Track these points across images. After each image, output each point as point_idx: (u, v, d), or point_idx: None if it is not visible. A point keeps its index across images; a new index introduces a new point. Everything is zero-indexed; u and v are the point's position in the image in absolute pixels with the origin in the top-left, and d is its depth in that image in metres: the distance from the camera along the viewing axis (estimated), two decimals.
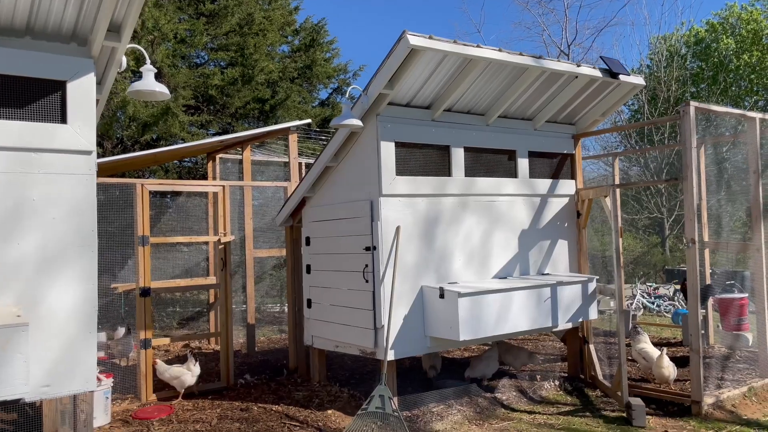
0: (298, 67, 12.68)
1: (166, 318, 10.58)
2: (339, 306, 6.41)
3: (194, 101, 11.38)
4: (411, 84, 5.84)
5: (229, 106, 11.60)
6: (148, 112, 9.77)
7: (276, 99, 11.80)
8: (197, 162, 11.63)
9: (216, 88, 11.13)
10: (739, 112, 7.20)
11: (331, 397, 6.36)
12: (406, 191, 6.05)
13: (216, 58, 11.86)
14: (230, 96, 11.45)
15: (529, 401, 6.76)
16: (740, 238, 15.74)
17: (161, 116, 9.74)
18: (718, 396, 6.46)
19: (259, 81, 11.42)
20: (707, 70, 26.16)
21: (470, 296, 5.79)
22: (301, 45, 13.46)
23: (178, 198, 9.48)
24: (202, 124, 11.28)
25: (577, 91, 6.84)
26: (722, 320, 8.53)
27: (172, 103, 9.88)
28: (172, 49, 10.81)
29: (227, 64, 11.80)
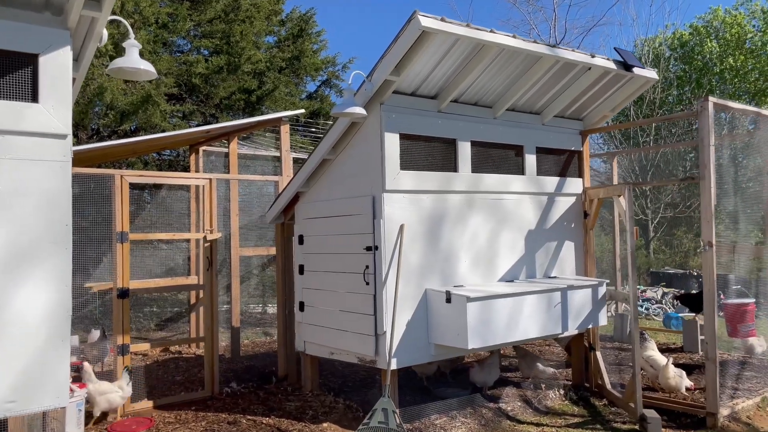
0: (285, 58, 12.14)
1: (143, 319, 10.00)
2: (335, 310, 5.95)
3: (177, 90, 10.79)
4: (419, 71, 5.40)
5: (213, 96, 11.02)
6: (127, 100, 9.15)
7: (263, 90, 11.23)
8: (179, 154, 11.04)
9: (200, 76, 10.56)
10: (754, 109, 6.90)
11: (325, 409, 5.89)
12: (410, 187, 5.61)
13: (200, 46, 11.28)
14: (215, 86, 10.87)
15: (534, 412, 6.38)
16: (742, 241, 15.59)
17: (141, 105, 9.14)
18: (732, 407, 6.15)
19: (245, 70, 10.87)
20: (691, 73, 26.18)
21: (480, 301, 5.37)
22: (288, 35, 12.92)
23: (159, 192, 8.92)
24: (185, 114, 10.69)
25: (588, 84, 6.46)
26: (728, 327, 8.24)
27: (153, 91, 9.29)
28: (153, 35, 10.21)
29: (212, 52, 11.22)
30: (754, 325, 8.08)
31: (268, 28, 12.00)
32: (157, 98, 9.18)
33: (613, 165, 10.60)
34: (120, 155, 8.11)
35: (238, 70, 10.74)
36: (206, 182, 6.30)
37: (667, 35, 28.08)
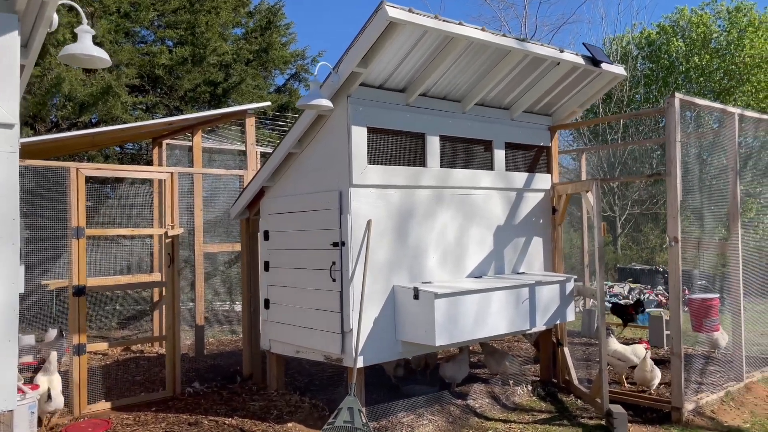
0: (253, 50, 11.89)
1: (104, 317, 9.71)
2: (301, 307, 5.82)
3: (139, 81, 10.47)
4: (386, 63, 5.29)
5: (177, 88, 10.72)
6: (86, 91, 8.82)
7: (229, 82, 10.96)
8: (142, 148, 10.73)
9: (163, 67, 10.25)
10: (719, 106, 6.96)
11: (290, 408, 5.77)
12: (378, 182, 5.51)
13: (164, 36, 10.96)
14: (179, 78, 10.58)
15: (502, 408, 6.34)
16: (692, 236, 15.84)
17: (101, 96, 8.82)
18: (697, 402, 6.20)
19: (210, 62, 10.59)
20: (658, 72, 26.58)
21: (447, 297, 5.30)
22: (256, 27, 12.65)
23: (120, 186, 8.66)
24: (148, 106, 10.38)
25: (557, 79, 6.44)
26: (693, 321, 8.33)
27: (113, 82, 8.97)
28: (114, 24, 9.86)
29: (176, 43, 10.91)
30: (719, 319, 8.18)
31: (235, 20, 11.75)
32: (117, 89, 8.89)
33: (582, 161, 10.69)
34: (78, 148, 7.83)
35: (203, 62, 10.48)
36: (167, 176, 6.10)
37: (634, 34, 28.48)
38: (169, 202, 6.08)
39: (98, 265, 8.17)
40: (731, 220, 7.04)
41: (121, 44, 9.84)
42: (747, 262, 8.66)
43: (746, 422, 6.05)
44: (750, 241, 18.98)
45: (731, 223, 7.04)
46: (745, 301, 12.49)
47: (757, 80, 24.44)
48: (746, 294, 11.18)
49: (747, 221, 21.33)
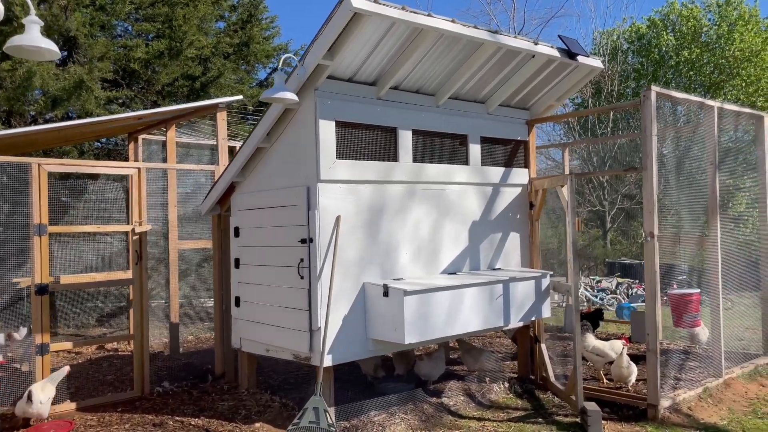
0: (233, 44, 11.70)
1: (82, 315, 9.59)
2: (271, 305, 5.71)
3: (114, 75, 10.29)
4: (354, 55, 5.17)
5: (154, 83, 10.56)
6: (58, 85, 8.66)
7: (208, 76, 10.79)
8: (117, 143, 10.56)
9: (139, 61, 10.07)
10: (698, 99, 6.88)
11: (260, 408, 5.67)
12: (347, 177, 5.40)
13: (141, 30, 10.77)
14: (156, 72, 10.41)
15: (477, 406, 6.26)
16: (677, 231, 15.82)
17: (74, 90, 8.66)
18: (674, 398, 6.13)
19: (188, 56, 10.42)
20: (648, 66, 26.52)
21: (417, 294, 5.20)
22: (238, 21, 12.47)
23: (95, 183, 8.51)
24: (124, 101, 10.21)
25: (533, 72, 6.33)
26: (674, 317, 8.26)
27: (85, 75, 8.79)
28: (89, 17, 9.69)
29: (154, 36, 10.73)
30: (700, 315, 8.12)
31: (216, 13, 11.57)
32: (90, 83, 8.73)
33: (564, 156, 10.59)
34: (48, 143, 7.68)
35: (180, 55, 10.31)
36: (135, 171, 5.97)
37: (624, 28, 28.42)
38: (137, 198, 5.95)
39: (73, 262, 8.04)
40: (710, 215, 6.96)
41: (96, 38, 9.66)
42: (736, 256, 8.61)
43: (723, 419, 5.99)
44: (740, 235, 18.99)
45: (710, 218, 6.96)
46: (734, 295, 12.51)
47: (747, 74, 24.42)
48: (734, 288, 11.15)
49: (737, 215, 21.33)
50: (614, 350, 6.77)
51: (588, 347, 7.03)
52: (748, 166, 18.26)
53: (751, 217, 22.39)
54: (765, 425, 5.83)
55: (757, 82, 24.21)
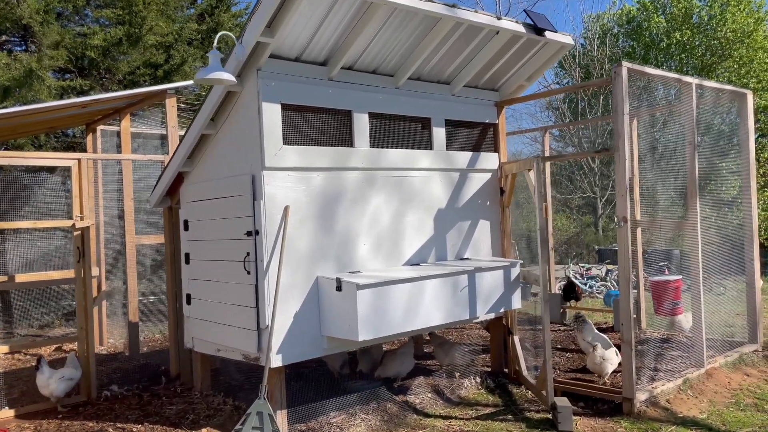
0: (201, 30, 11.28)
1: (47, 314, 9.25)
2: (220, 303, 5.37)
3: (70, 65, 9.88)
4: (298, 32, 4.81)
5: (115, 72, 10.17)
6: (7, 74, 8.27)
7: (171, 64, 10.37)
8: (75, 135, 10.16)
9: (97, 49, 9.66)
10: (674, 76, 6.52)
11: (210, 411, 5.34)
12: (296, 164, 5.04)
13: (101, 17, 10.35)
14: (115, 60, 10.00)
15: (445, 404, 5.95)
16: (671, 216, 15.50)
17: (25, 80, 8.29)
18: (651, 391, 5.82)
19: (149, 43, 10.00)
20: (639, 49, 26.12)
21: (371, 288, 4.87)
22: (206, 7, 12.03)
23: (53, 176, 8.16)
24: (81, 91, 9.81)
25: (498, 49, 5.97)
26: (655, 304, 7.97)
27: (34, 64, 8.39)
28: (43, 4, 9.26)
29: (114, 23, 10.31)
30: (681, 302, 7.82)
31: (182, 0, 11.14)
32: (40, 72, 8.34)
33: (545, 139, 10.25)
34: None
35: (139, 42, 9.91)
36: (74, 163, 5.61)
37: (615, 11, 28.00)
38: (77, 191, 5.59)
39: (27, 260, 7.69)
40: (689, 197, 6.62)
41: (50, 25, 9.25)
42: (733, 240, 8.26)
43: (703, 412, 5.69)
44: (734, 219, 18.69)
45: (689, 200, 6.62)
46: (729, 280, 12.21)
47: (739, 55, 24.01)
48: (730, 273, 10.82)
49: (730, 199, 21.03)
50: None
51: (588, 339, 6.73)
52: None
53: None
54: (747, 418, 5.52)
55: (750, 63, 23.82)
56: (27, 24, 8.99)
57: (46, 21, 9.11)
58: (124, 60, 10.19)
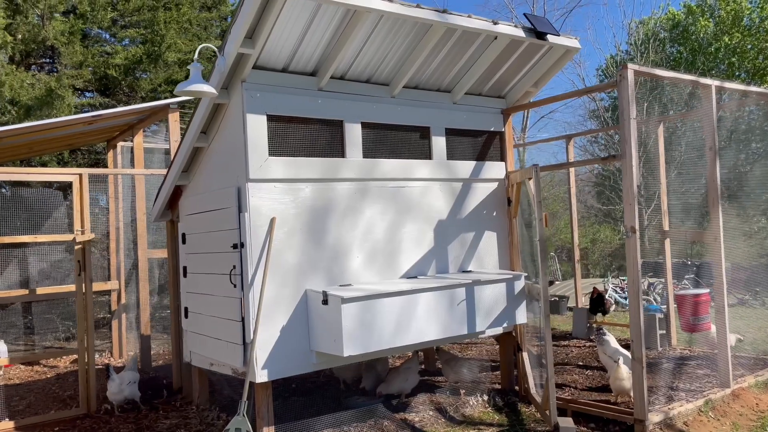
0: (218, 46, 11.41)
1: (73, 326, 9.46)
2: (212, 316, 5.34)
3: (90, 84, 10.21)
4: (281, 41, 4.76)
5: (137, 90, 10.44)
6: (30, 94, 8.58)
7: None
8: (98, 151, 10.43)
9: (118, 68, 9.94)
10: (691, 78, 6.17)
11: (202, 426, 5.29)
12: (283, 175, 4.97)
13: (125, 37, 10.65)
14: (137, 78, 10.27)
15: (447, 422, 5.72)
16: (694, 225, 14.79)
17: (45, 98, 8.57)
18: (667, 412, 5.45)
19: (169, 60, 10.22)
20: (686, 54, 25.23)
21: (358, 301, 4.73)
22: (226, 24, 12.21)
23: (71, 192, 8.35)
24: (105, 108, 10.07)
25: (498, 55, 5.78)
26: (680, 319, 7.52)
27: (54, 83, 8.68)
28: (69, 25, 9.61)
29: (138, 43, 10.60)
30: (710, 317, 7.35)
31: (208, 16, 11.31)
32: (60, 91, 8.61)
33: (569, 148, 9.91)
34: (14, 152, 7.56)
35: (159, 60, 10.14)
36: (75, 178, 5.71)
37: (661, 16, 27.16)
38: (78, 205, 5.68)
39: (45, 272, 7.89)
40: (711, 205, 6.24)
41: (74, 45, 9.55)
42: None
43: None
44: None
45: (711, 209, 6.24)
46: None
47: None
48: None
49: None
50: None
51: (609, 352, 6.40)
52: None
53: None
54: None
55: None
56: (52, 45, 9.35)
57: (70, 42, 9.44)
58: (146, 78, 10.46)
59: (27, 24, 8.84)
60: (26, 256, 8.06)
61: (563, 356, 8.12)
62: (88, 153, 10.70)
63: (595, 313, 9.24)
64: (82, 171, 5.75)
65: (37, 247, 8.14)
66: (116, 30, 10.79)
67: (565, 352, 8.39)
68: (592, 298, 9.34)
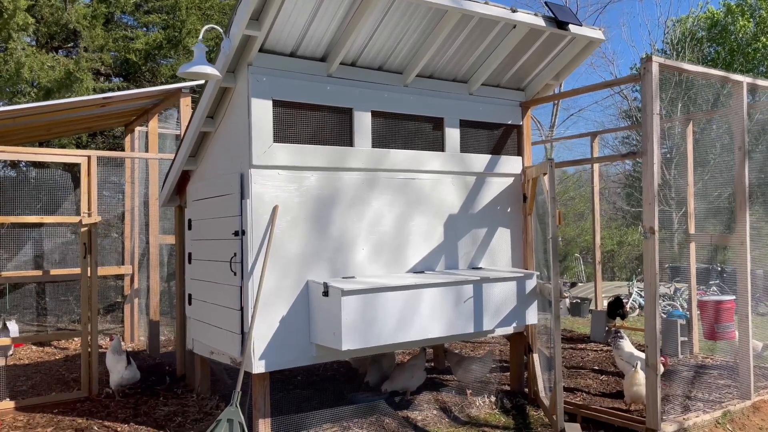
0: None
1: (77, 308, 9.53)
2: (213, 304, 5.25)
3: (115, 68, 10.22)
4: (289, 25, 4.62)
5: (157, 75, 10.45)
6: (49, 76, 8.62)
7: None
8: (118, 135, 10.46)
9: (138, 52, 9.95)
10: (721, 74, 5.88)
11: (199, 415, 5.21)
12: (288, 162, 4.85)
13: (148, 22, 10.66)
14: (158, 63, 10.27)
15: (451, 422, 5.56)
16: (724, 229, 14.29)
17: (64, 81, 8.60)
18: (682, 423, 5.20)
19: (190, 46, 10.16)
20: (725, 54, 24.48)
21: (359, 294, 4.58)
22: None
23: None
24: None
25: (517, 44, 5.56)
26: (703, 327, 7.22)
27: (72, 66, 8.69)
28: (92, 9, 9.63)
29: (162, 27, 10.59)
30: (734, 325, 7.03)
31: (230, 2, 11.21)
32: (78, 74, 8.63)
33: (594, 145, 9.63)
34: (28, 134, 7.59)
35: (179, 45, 10.10)
36: (83, 160, 5.67)
37: (700, 14, 26.38)
38: (86, 187, 5.64)
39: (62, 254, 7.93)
40: (738, 208, 5.94)
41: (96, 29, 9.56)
42: None
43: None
44: None
45: (738, 211, 5.94)
46: None
47: None
48: None
49: None
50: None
51: (624, 356, 6.19)
52: None
53: None
54: None
55: None
56: (75, 28, 9.38)
57: (92, 25, 9.46)
58: (167, 64, 10.46)
59: (50, 6, 8.89)
60: (41, 237, 8.13)
61: (579, 360, 7.88)
62: (108, 137, 10.75)
63: (614, 317, 8.97)
64: (90, 153, 5.72)
65: (52, 229, 8.19)
66: (139, 15, 10.80)
67: (581, 355, 8.14)
68: (610, 302, 9.08)
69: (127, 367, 5.61)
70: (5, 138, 6.90)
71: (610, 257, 23.81)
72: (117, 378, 5.61)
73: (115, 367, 5.62)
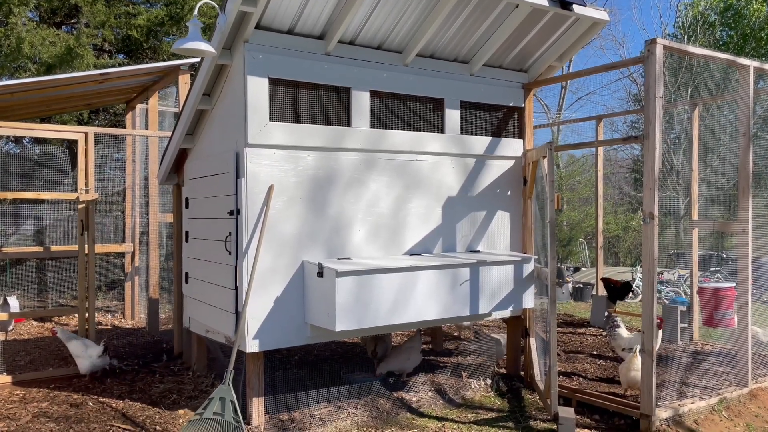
0: None
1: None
2: (208, 282, 5.25)
3: (116, 45, 10.15)
4: (286, 0, 4.55)
5: (159, 52, 10.37)
6: (49, 51, 8.56)
7: None
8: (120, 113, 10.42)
9: (140, 29, 9.86)
10: (727, 57, 5.76)
11: (194, 393, 5.24)
12: (284, 142, 4.81)
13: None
14: (159, 40, 10.18)
15: (446, 404, 5.57)
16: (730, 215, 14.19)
17: (65, 56, 8.54)
18: (677, 409, 5.19)
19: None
20: (737, 38, 24.10)
21: (354, 275, 4.57)
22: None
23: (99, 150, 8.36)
24: None
25: (520, 24, 5.47)
26: (702, 314, 7.18)
27: (72, 41, 8.62)
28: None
29: (164, 4, 10.49)
30: (734, 312, 6.99)
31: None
32: (79, 50, 8.56)
33: (599, 128, 9.52)
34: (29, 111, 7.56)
35: (181, 22, 10.01)
36: (81, 136, 5.64)
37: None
38: (83, 164, 5.63)
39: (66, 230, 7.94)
40: (741, 194, 5.87)
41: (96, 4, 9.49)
42: None
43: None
44: None
45: (741, 198, 5.87)
46: None
47: None
48: None
49: None
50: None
51: (623, 343, 6.20)
52: None
53: None
54: None
55: None
56: (76, 3, 9.30)
57: (93, 0, 9.37)
58: (168, 42, 10.38)
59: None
60: (42, 214, 8.15)
61: (577, 344, 7.87)
62: (110, 115, 10.72)
63: (615, 301, 8.94)
64: (87, 129, 5.69)
65: (53, 205, 8.21)
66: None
67: (580, 340, 8.13)
68: (610, 287, 9.05)
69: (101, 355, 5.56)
70: (5, 113, 6.87)
71: (615, 242, 23.75)
72: (88, 364, 5.51)
73: (86, 351, 5.52)
